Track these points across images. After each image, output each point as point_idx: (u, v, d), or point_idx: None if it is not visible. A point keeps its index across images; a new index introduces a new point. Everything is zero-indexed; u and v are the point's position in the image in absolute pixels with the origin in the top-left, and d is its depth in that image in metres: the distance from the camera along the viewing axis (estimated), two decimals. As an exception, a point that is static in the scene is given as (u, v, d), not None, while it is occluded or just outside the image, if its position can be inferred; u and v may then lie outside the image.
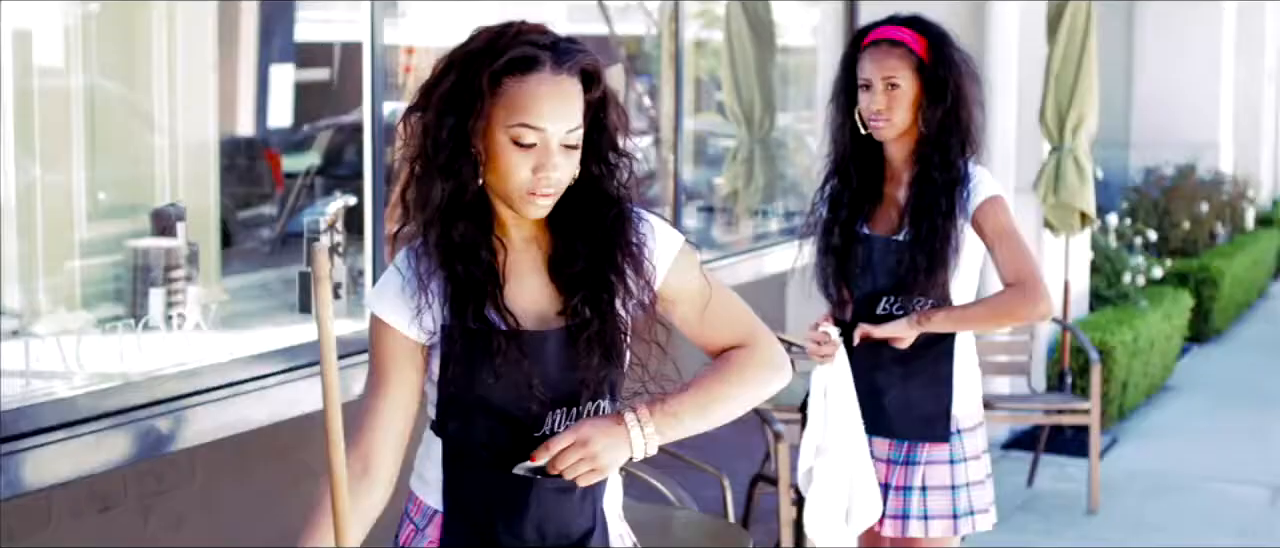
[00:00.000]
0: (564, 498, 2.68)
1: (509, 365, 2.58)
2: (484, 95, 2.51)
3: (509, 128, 2.51)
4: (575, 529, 2.71)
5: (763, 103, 8.46)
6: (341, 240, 5.15)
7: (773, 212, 8.72)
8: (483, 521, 2.68)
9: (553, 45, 2.56)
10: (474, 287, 2.59)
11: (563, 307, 2.65)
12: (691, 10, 8.17)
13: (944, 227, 4.14)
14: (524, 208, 2.57)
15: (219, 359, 4.50)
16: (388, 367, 2.67)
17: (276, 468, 5.19)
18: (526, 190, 2.54)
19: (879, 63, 4.15)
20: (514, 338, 2.58)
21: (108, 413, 4.06)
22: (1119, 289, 10.19)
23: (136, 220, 4.98)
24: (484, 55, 2.54)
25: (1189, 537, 7.03)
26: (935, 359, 4.23)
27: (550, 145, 2.52)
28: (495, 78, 2.52)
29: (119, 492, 4.64)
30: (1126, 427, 9.14)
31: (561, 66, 2.54)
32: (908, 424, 4.23)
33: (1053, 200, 8.10)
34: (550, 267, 2.67)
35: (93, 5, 5.03)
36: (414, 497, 2.82)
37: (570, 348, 2.63)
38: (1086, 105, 8.07)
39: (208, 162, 5.39)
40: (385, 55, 5.14)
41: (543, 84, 2.52)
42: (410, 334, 2.64)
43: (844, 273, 4.27)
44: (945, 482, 4.23)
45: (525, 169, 2.52)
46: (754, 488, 6.04)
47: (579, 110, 2.56)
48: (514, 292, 2.64)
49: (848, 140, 4.28)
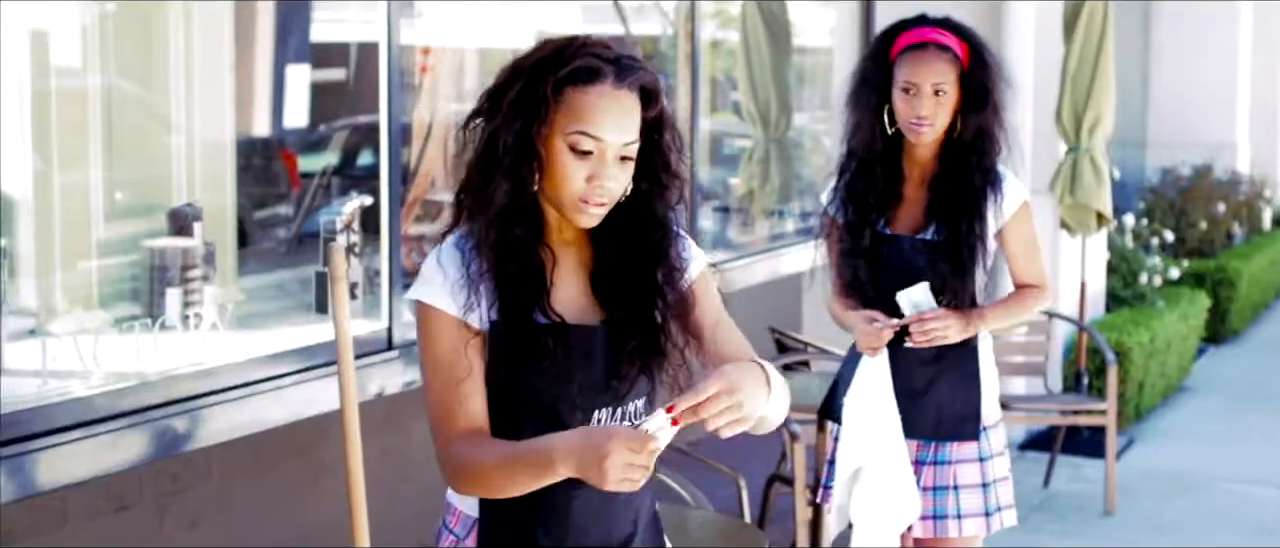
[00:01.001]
0: (607, 502, 2.70)
1: (556, 361, 2.62)
2: (548, 102, 2.57)
3: (568, 135, 2.58)
4: (616, 534, 2.75)
5: (779, 103, 8.45)
6: (358, 240, 5.15)
7: (788, 212, 8.71)
8: (522, 526, 2.70)
9: (616, 60, 2.62)
10: (525, 287, 2.63)
11: (603, 311, 2.71)
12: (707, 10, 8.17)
13: (977, 228, 4.19)
14: (576, 215, 2.62)
15: (235, 359, 4.51)
16: (453, 358, 2.65)
17: (293, 467, 5.20)
18: (579, 198, 2.60)
19: (928, 67, 4.15)
20: (561, 333, 2.63)
21: (124, 413, 4.07)
22: (1136, 290, 10.17)
23: (153, 220, 4.98)
24: (549, 64, 2.60)
25: (1206, 538, 7.02)
26: (964, 358, 4.28)
27: (606, 156, 2.59)
28: (558, 86, 2.58)
29: (135, 491, 4.65)
30: (1143, 428, 9.12)
31: (622, 80, 2.60)
32: (941, 424, 4.26)
33: (1069, 201, 8.08)
34: (592, 276, 2.73)
35: (110, 5, 5.04)
36: (452, 507, 2.82)
37: (614, 348, 2.67)
38: (1103, 105, 8.05)
39: (224, 161, 5.39)
40: (401, 55, 5.14)
41: (604, 95, 2.59)
42: (470, 321, 2.65)
43: (876, 275, 4.27)
44: (976, 480, 4.27)
45: (580, 177, 2.58)
46: (770, 488, 6.04)
47: (636, 125, 2.62)
48: (559, 292, 2.68)
49: (878, 140, 4.27)
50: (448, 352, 2.65)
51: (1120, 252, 10.38)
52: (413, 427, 5.70)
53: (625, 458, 2.36)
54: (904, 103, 4.18)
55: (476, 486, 2.65)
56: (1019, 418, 7.79)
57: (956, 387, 4.27)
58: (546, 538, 2.69)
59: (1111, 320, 9.21)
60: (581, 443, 2.44)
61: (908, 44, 4.20)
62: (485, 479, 2.62)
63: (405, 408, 5.56)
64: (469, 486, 2.66)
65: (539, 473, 2.52)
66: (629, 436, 2.37)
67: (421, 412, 5.79)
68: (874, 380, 4.22)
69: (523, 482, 2.56)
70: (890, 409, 4.20)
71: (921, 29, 4.21)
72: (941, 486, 4.27)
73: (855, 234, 4.29)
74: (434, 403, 2.67)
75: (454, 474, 2.65)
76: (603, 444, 2.38)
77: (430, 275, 2.67)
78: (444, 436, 2.65)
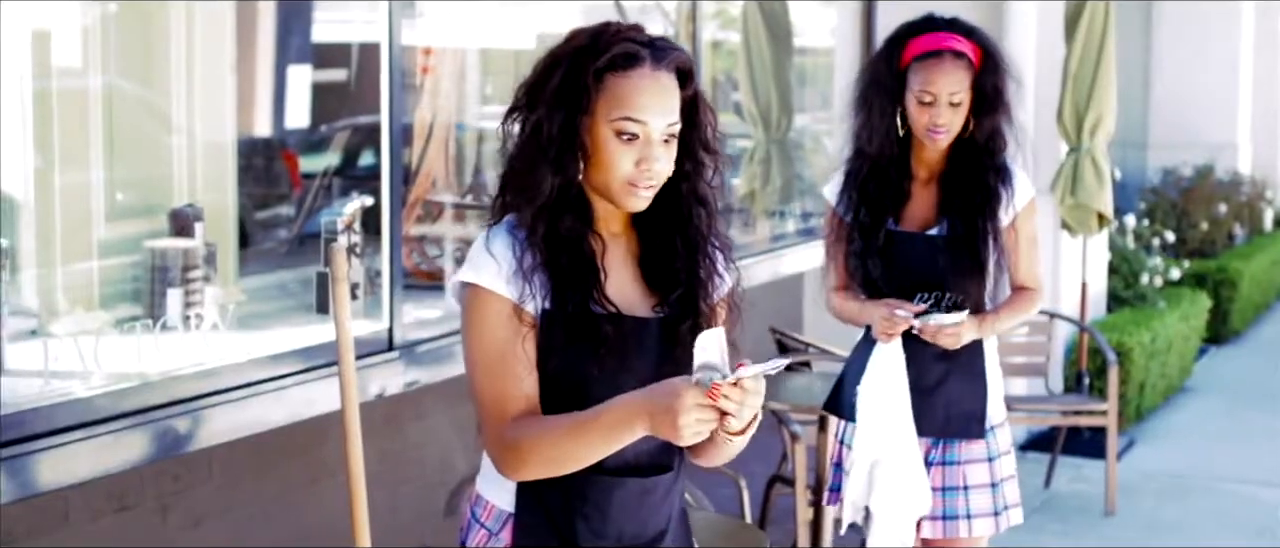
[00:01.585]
0: (647, 498, 2.73)
1: (613, 352, 2.62)
2: (589, 90, 2.59)
3: (613, 121, 2.60)
4: (650, 530, 2.76)
5: (780, 104, 8.45)
6: (359, 241, 5.15)
7: (790, 213, 8.71)
8: (563, 521, 2.70)
9: (650, 43, 2.65)
10: (578, 277, 2.64)
11: (654, 299, 2.72)
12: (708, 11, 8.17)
13: (992, 225, 4.22)
14: (625, 200, 2.64)
15: (237, 359, 4.51)
16: (507, 340, 2.64)
17: (294, 468, 5.20)
18: (628, 182, 2.61)
19: (945, 77, 4.16)
20: (618, 324, 2.64)
21: (125, 413, 4.07)
22: (1137, 290, 10.17)
23: (154, 221, 4.98)
24: (588, 52, 2.61)
25: (1207, 538, 7.02)
26: (971, 357, 4.31)
27: (652, 138, 2.61)
28: (599, 74, 2.60)
29: (137, 491, 4.65)
30: (1144, 428, 9.12)
31: (660, 62, 2.63)
32: (949, 422, 4.27)
33: (1070, 201, 8.08)
34: (641, 262, 2.74)
35: (111, 6, 5.04)
36: (483, 500, 2.82)
37: (667, 338, 2.69)
38: (1104, 106, 8.05)
39: (225, 162, 5.40)
40: (403, 56, 5.14)
41: (644, 79, 2.61)
42: (524, 306, 2.64)
43: (889, 271, 4.28)
44: (986, 479, 4.29)
45: (628, 162, 2.61)
46: (771, 489, 6.04)
47: (677, 105, 2.65)
48: (609, 284, 2.69)
49: (892, 143, 4.27)
50: (501, 335, 2.63)
51: (1121, 252, 10.38)
52: (413, 428, 5.70)
53: (695, 411, 2.38)
54: (920, 112, 4.19)
55: (537, 464, 2.60)
56: (1020, 419, 7.78)
57: (965, 385, 4.29)
58: (588, 533, 2.70)
59: (1113, 321, 9.21)
60: (650, 399, 2.44)
61: (923, 52, 4.19)
62: (549, 454, 2.58)
63: (406, 409, 5.57)
64: (527, 466, 2.61)
65: (613, 434, 2.51)
66: (696, 388, 2.39)
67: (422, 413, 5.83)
68: (888, 368, 4.22)
69: (595, 449, 2.55)
70: (903, 397, 4.20)
71: (935, 35, 4.20)
72: (951, 486, 4.28)
73: (869, 233, 4.30)
74: (485, 387, 2.64)
75: (511, 455, 2.61)
76: (674, 398, 2.39)
77: (482, 260, 2.65)
78: (497, 418, 2.63)
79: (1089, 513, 7.40)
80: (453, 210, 6.56)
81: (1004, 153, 4.30)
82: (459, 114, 6.73)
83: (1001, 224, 4.26)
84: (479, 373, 2.65)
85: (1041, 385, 7.99)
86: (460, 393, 5.57)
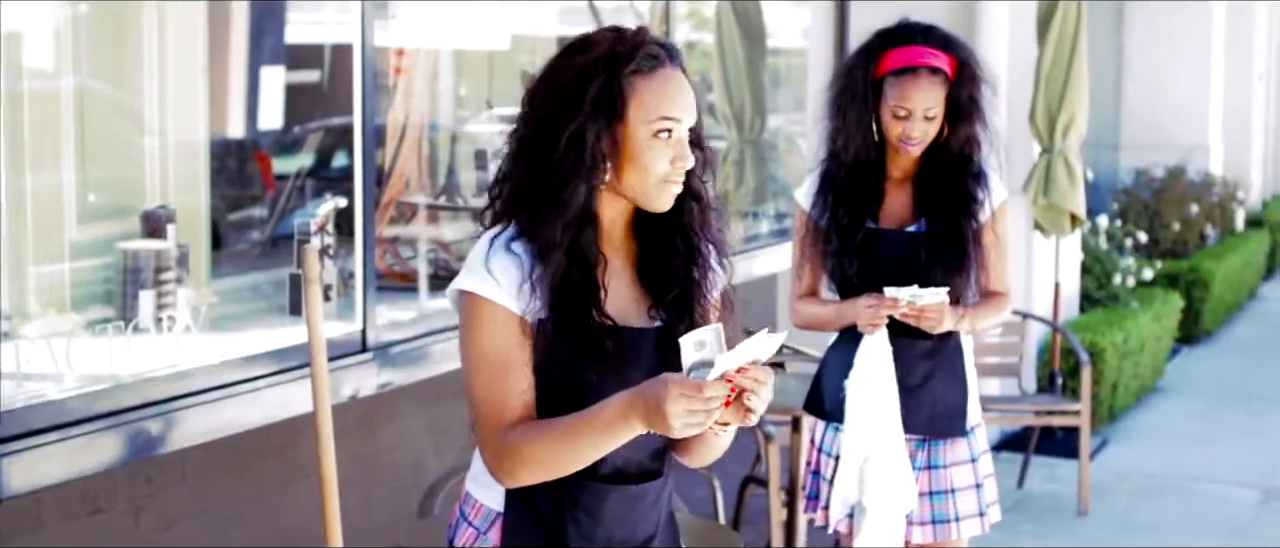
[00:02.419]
0: (637, 503, 2.74)
1: (612, 364, 2.62)
2: (625, 96, 2.61)
3: (650, 123, 2.61)
4: (639, 535, 2.77)
5: (753, 105, 8.46)
6: (332, 242, 5.14)
7: (763, 213, 8.72)
8: (552, 523, 2.70)
9: (661, 43, 2.68)
10: (583, 290, 2.64)
11: (651, 307, 2.73)
12: (682, 11, 8.17)
13: (972, 223, 4.24)
14: (660, 198, 2.66)
15: (210, 361, 4.50)
16: (507, 347, 2.63)
17: (267, 469, 5.19)
18: (664, 180, 2.64)
19: (921, 94, 4.18)
20: (617, 337, 2.64)
21: (98, 415, 4.06)
22: (1109, 291, 10.20)
23: (126, 222, 4.97)
24: (618, 59, 2.62)
25: (1179, 538, 7.04)
26: (952, 356, 4.34)
27: (682, 136, 2.64)
28: (629, 78, 2.62)
29: (110, 494, 4.63)
30: (1117, 428, 9.15)
31: (675, 62, 2.67)
32: (934, 419, 4.29)
33: (1043, 202, 8.10)
34: (639, 266, 2.75)
35: (83, 7, 5.02)
36: (471, 499, 2.81)
37: (663, 346, 2.69)
38: (1077, 107, 8.07)
39: (198, 164, 5.39)
40: (376, 57, 5.14)
41: (672, 79, 2.65)
42: (524, 315, 2.64)
43: (867, 270, 4.28)
44: (970, 481, 4.33)
45: (665, 161, 2.63)
46: (745, 489, 6.04)
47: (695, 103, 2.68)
48: (608, 293, 2.69)
49: (869, 149, 4.28)
50: (501, 342, 2.63)
51: (1094, 253, 10.41)
52: (387, 430, 5.69)
53: (683, 404, 2.38)
54: (894, 124, 4.21)
55: (534, 468, 2.60)
56: (993, 419, 7.79)
57: (949, 384, 4.33)
58: (577, 536, 2.70)
59: (1085, 321, 9.23)
60: (640, 395, 2.45)
61: (899, 67, 4.19)
62: (545, 458, 2.58)
63: (379, 411, 5.56)
64: (524, 471, 2.61)
65: (608, 433, 2.51)
66: (682, 381, 2.39)
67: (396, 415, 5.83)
68: (876, 362, 4.22)
69: (591, 449, 2.56)
70: (891, 392, 4.21)
71: (912, 48, 4.21)
72: (939, 490, 4.31)
73: (848, 234, 4.30)
74: (483, 393, 2.64)
75: (508, 460, 2.61)
76: (660, 393, 2.39)
77: (482, 269, 2.64)
78: (495, 424, 2.62)
79: (1062, 513, 7.42)
80: (426, 212, 6.55)
81: (978, 157, 4.32)
82: (432, 115, 6.72)
83: (979, 224, 4.29)
84: (478, 379, 2.65)
85: (1015, 386, 8.00)
86: (434, 395, 5.59)
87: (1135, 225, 12.78)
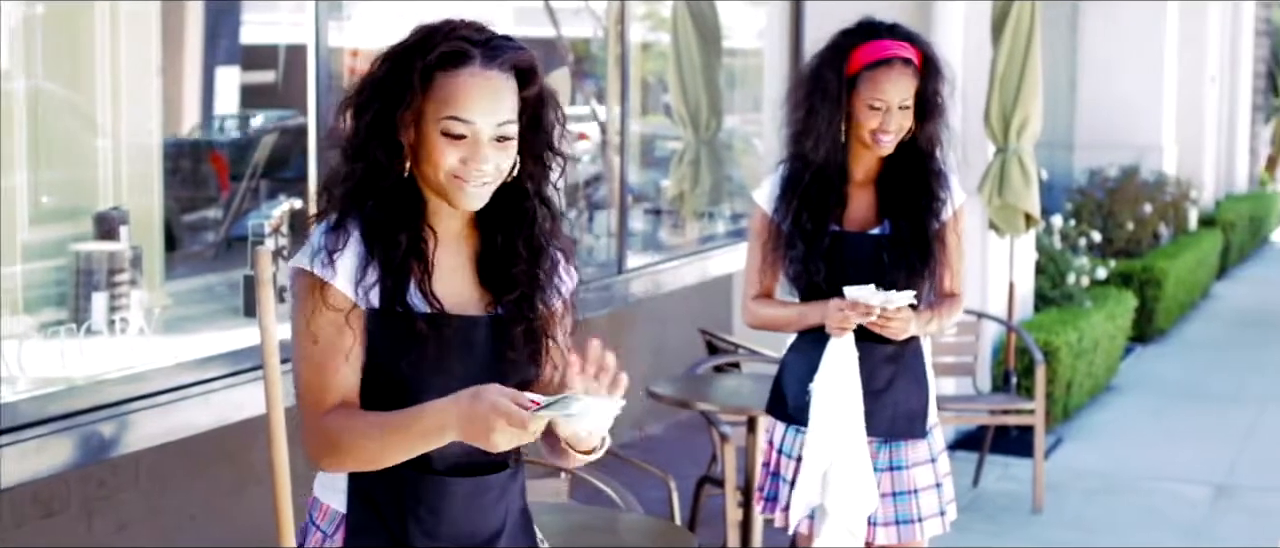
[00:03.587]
0: (481, 497, 2.69)
1: (432, 350, 2.59)
2: (414, 88, 2.56)
3: (439, 121, 2.56)
4: (484, 530, 2.72)
5: (709, 105, 8.47)
6: (287, 244, 5.13)
7: (719, 214, 8.74)
8: (394, 521, 2.66)
9: (486, 41, 2.60)
10: (398, 273, 2.60)
11: (489, 300, 2.69)
12: (638, 12, 8.19)
13: (935, 223, 4.24)
14: (455, 197, 2.60)
15: (163, 364, 4.49)
16: (334, 329, 2.61)
17: (221, 472, 5.17)
18: (454, 177, 2.57)
19: (896, 85, 4.16)
20: (440, 323, 2.61)
21: (51, 418, 4.04)
22: (1063, 290, 10.24)
23: (79, 224, 4.95)
24: (418, 50, 2.58)
25: (1133, 536, 7.08)
26: (914, 357, 4.35)
27: (480, 138, 2.56)
28: (427, 72, 2.56)
29: (62, 497, 4.61)
30: (1071, 427, 9.19)
31: (492, 62, 2.58)
32: (896, 421, 4.29)
33: (997, 202, 8.13)
34: (478, 263, 2.71)
35: (37, 7, 5.00)
36: (319, 503, 2.76)
37: (497, 338, 2.66)
38: (1031, 107, 8.10)
39: (151, 165, 5.37)
40: (330, 58, 5.13)
41: (473, 78, 2.57)
42: (353, 296, 2.61)
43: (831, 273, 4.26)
44: (931, 481, 4.34)
45: (454, 159, 2.56)
46: (700, 490, 6.04)
47: (511, 105, 2.60)
48: (444, 283, 2.65)
49: (839, 150, 4.25)
50: (328, 323, 2.60)
51: (1048, 252, 10.46)
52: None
53: (506, 433, 2.37)
54: (870, 117, 4.17)
55: (346, 458, 2.59)
56: (949, 418, 7.82)
57: (911, 386, 4.33)
58: (419, 534, 2.66)
59: (1040, 321, 9.27)
60: (458, 405, 2.43)
61: (873, 60, 4.18)
62: (357, 450, 2.57)
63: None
64: (337, 459, 2.60)
65: (424, 439, 2.50)
66: (509, 411, 2.36)
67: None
68: (841, 366, 4.21)
69: (406, 450, 2.54)
70: (856, 396, 4.21)
71: (881, 42, 4.20)
72: (902, 491, 4.31)
73: (814, 237, 4.27)
74: (307, 374, 2.62)
75: (323, 446, 2.60)
76: (485, 417, 2.37)
77: (316, 246, 2.62)
78: (315, 407, 2.60)
79: (1017, 511, 7.45)
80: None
81: (941, 156, 4.32)
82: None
83: (941, 224, 4.28)
84: (303, 361, 2.63)
85: (970, 385, 8.03)
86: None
87: (1089, 225, 12.85)
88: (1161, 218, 14.02)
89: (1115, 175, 13.99)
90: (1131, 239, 13.42)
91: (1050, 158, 13.53)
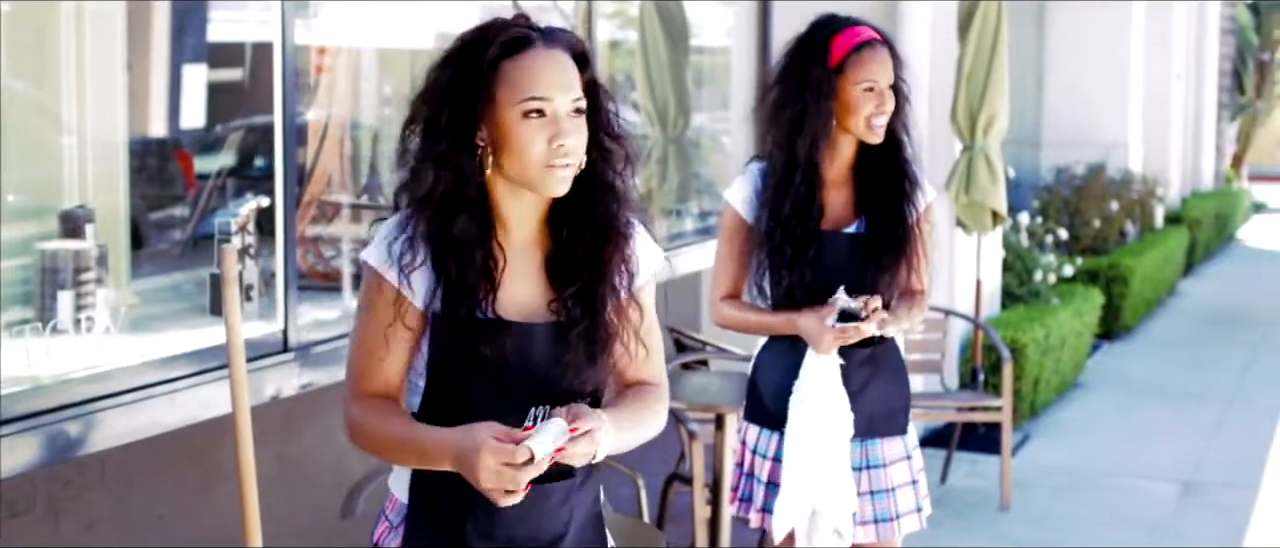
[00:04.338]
0: (541, 502, 2.70)
1: (492, 361, 2.63)
2: (485, 80, 2.59)
3: (516, 105, 2.59)
4: (544, 534, 2.74)
5: (677, 103, 8.47)
6: (253, 242, 5.12)
7: (687, 211, 8.74)
8: (452, 519, 2.70)
9: (539, 28, 2.66)
10: (466, 284, 2.64)
11: (553, 301, 2.71)
12: (606, 10, 8.17)
13: (910, 218, 4.21)
14: (546, 184, 2.62)
15: (129, 362, 4.47)
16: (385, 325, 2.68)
17: (189, 471, 5.16)
18: (545, 164, 2.60)
19: (882, 65, 4.13)
20: (501, 330, 2.64)
21: (16, 417, 4.02)
22: (1030, 287, 10.27)
23: (45, 222, 4.93)
24: (476, 46, 2.62)
25: (1100, 532, 7.11)
26: (890, 357, 4.33)
27: (559, 113, 2.60)
28: (493, 63, 2.60)
29: (28, 497, 4.59)
30: (1038, 424, 9.22)
31: (552, 43, 2.63)
32: (873, 420, 4.28)
33: (964, 199, 8.15)
34: (548, 262, 2.73)
35: (1, 5, 4.98)
36: (391, 494, 2.83)
37: (558, 343, 2.68)
38: (998, 105, 8.12)
39: (117, 163, 5.35)
40: (297, 56, 5.12)
41: (540, 57, 2.61)
42: (409, 298, 2.67)
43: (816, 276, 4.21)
44: (907, 478, 4.34)
45: (541, 142, 2.59)
46: (669, 488, 6.05)
47: (578, 82, 2.64)
48: (511, 290, 2.69)
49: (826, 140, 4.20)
50: (381, 318, 2.67)
51: (1015, 250, 10.49)
52: (309, 430, 5.66)
53: (495, 467, 2.41)
54: (865, 101, 4.09)
55: (366, 446, 2.71)
56: (917, 415, 7.82)
57: (888, 384, 4.32)
58: (475, 534, 2.70)
59: (1007, 318, 9.30)
60: (458, 444, 2.48)
61: (856, 44, 4.14)
62: (374, 444, 2.70)
63: (301, 411, 5.53)
64: (360, 443, 2.72)
65: (424, 460, 2.61)
66: (499, 447, 2.41)
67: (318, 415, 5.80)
68: (824, 376, 4.18)
69: (412, 463, 2.66)
70: (842, 404, 4.18)
71: (856, 28, 4.18)
72: (880, 489, 4.30)
73: (802, 241, 4.21)
74: (355, 356, 2.72)
75: (351, 426, 2.71)
76: (475, 451, 2.43)
77: (385, 246, 2.68)
78: (354, 390, 2.72)
79: (984, 508, 7.47)
80: (348, 210, 6.53)
81: (911, 146, 4.29)
82: (355, 114, 6.70)
83: (915, 218, 4.27)
84: (355, 344, 2.73)
85: (937, 382, 8.05)
86: (357, 394, 5.56)
87: (1056, 222, 12.89)
88: (1128, 215, 14.07)
89: (1082, 173, 14.04)
90: (1098, 236, 13.47)
91: (1017, 155, 13.57)
